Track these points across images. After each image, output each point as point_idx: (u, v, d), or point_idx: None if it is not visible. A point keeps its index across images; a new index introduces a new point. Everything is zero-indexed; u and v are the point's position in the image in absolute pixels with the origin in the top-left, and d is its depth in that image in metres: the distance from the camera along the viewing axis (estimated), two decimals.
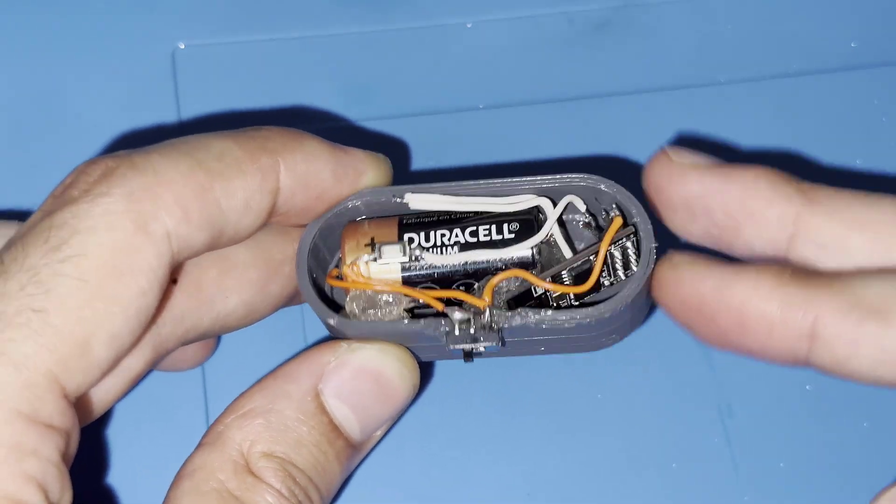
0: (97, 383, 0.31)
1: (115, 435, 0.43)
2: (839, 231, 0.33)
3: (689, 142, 0.48)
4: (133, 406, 0.43)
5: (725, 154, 0.48)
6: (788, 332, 0.32)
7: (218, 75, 0.48)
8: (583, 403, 0.44)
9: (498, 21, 0.50)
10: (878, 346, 0.31)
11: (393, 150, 0.47)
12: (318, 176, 0.35)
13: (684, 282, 0.34)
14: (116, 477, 0.43)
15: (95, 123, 0.47)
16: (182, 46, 0.49)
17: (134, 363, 0.35)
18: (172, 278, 0.34)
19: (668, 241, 0.45)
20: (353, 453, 0.36)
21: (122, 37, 0.49)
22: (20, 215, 0.45)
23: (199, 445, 0.34)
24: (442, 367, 0.44)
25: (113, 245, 0.30)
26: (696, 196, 0.35)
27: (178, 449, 0.43)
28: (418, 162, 0.47)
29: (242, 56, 0.48)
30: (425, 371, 0.43)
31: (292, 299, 0.39)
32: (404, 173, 0.47)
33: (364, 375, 0.35)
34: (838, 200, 0.34)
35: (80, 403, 0.32)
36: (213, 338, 0.40)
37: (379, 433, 0.37)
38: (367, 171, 0.37)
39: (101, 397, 0.35)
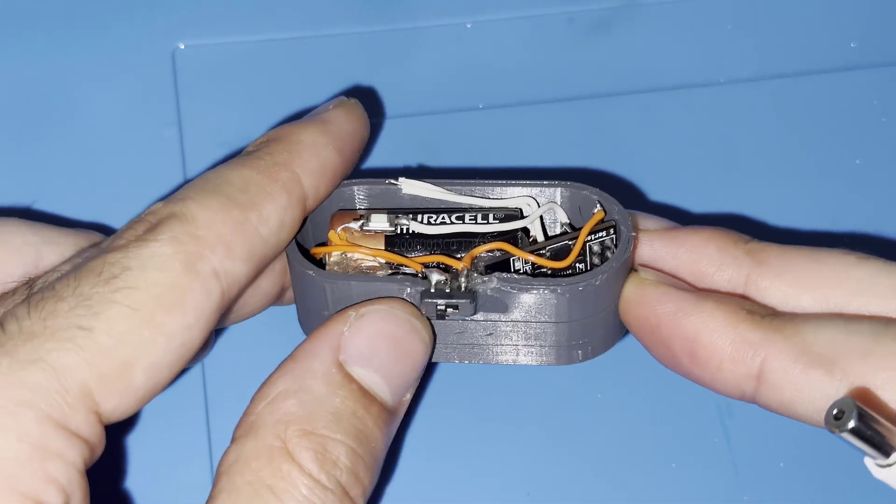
0: (131, 412, 0.31)
1: (115, 434, 0.43)
2: (789, 292, 0.34)
3: (690, 142, 0.48)
4: None
5: (726, 154, 0.48)
6: (737, 370, 0.33)
7: (218, 75, 0.48)
8: (583, 403, 0.44)
9: (498, 21, 0.50)
10: (823, 394, 0.32)
11: (393, 150, 0.47)
12: (328, 161, 0.36)
13: (646, 301, 0.35)
14: (116, 476, 0.43)
15: (95, 123, 0.47)
16: (182, 46, 0.49)
17: None
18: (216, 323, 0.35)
19: None
20: (390, 418, 0.35)
21: (122, 37, 0.48)
22: (21, 215, 0.45)
23: (233, 440, 0.33)
24: (442, 368, 0.44)
25: (163, 282, 0.31)
26: (647, 261, 0.36)
27: (178, 449, 0.43)
28: (418, 162, 0.47)
29: (242, 56, 0.48)
30: (425, 372, 0.43)
31: (281, 297, 0.40)
32: (404, 173, 0.47)
33: (380, 337, 0.35)
34: (786, 261, 0.35)
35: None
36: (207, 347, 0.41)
37: (408, 396, 0.36)
38: (355, 128, 0.38)
39: None
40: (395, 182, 0.38)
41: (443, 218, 0.37)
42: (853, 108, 0.49)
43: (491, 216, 0.37)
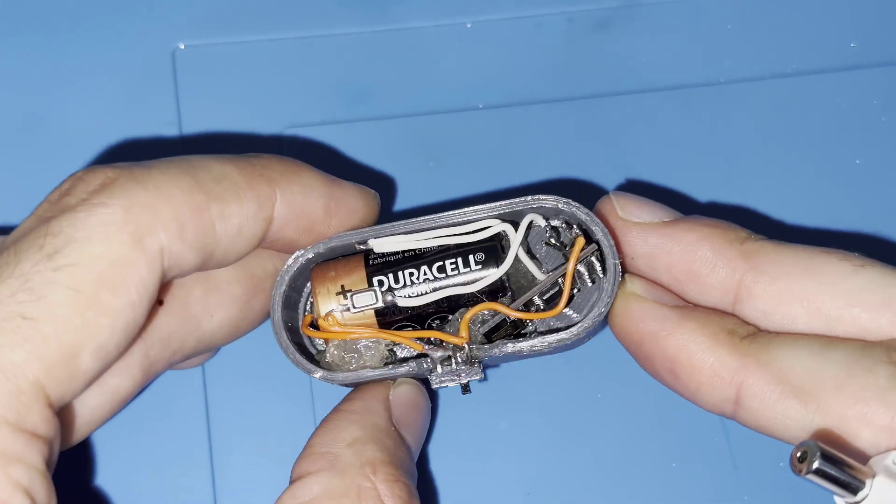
0: (80, 394, 0.31)
1: (115, 434, 0.43)
2: (780, 300, 0.34)
3: (690, 142, 0.48)
4: (133, 405, 0.43)
5: (726, 154, 0.48)
6: (715, 393, 0.34)
7: (218, 75, 0.48)
8: (583, 403, 0.44)
9: (498, 21, 0.50)
10: (798, 424, 0.32)
11: (393, 150, 0.47)
12: (312, 209, 0.36)
13: (630, 317, 0.35)
14: (116, 475, 0.43)
15: (95, 123, 0.47)
16: (182, 46, 0.49)
17: (123, 384, 0.36)
18: (158, 299, 0.34)
19: None
20: None
21: (122, 37, 0.48)
22: (20, 210, 0.45)
23: (307, 473, 0.34)
24: None
25: (107, 257, 0.31)
26: (642, 255, 0.36)
27: (177, 448, 0.43)
28: (418, 162, 0.47)
29: (242, 56, 0.48)
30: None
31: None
32: (404, 174, 0.47)
33: (413, 408, 0.37)
34: (780, 266, 0.34)
35: (65, 420, 0.32)
36: (199, 356, 0.41)
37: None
38: (358, 210, 0.37)
39: (89, 418, 0.35)
40: (364, 246, 0.37)
41: (424, 272, 0.36)
42: (853, 108, 0.49)
43: (472, 259, 0.36)
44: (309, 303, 0.38)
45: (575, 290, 0.37)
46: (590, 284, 0.36)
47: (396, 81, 0.48)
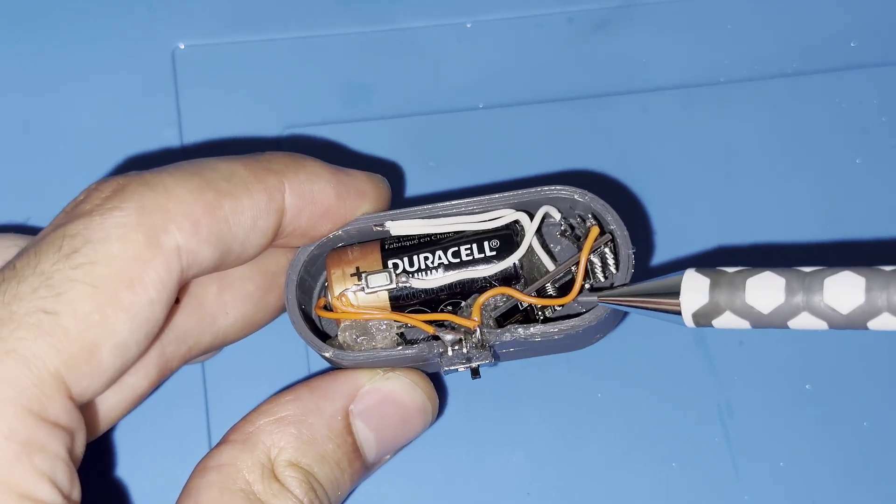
0: (102, 391, 0.32)
1: (116, 433, 0.43)
2: None
3: (689, 142, 0.48)
4: None
5: (726, 154, 0.48)
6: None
7: (218, 75, 0.48)
8: (583, 403, 0.44)
9: (498, 21, 0.50)
10: None
11: (393, 150, 0.47)
12: (322, 194, 0.36)
13: None
14: (117, 475, 0.43)
15: (95, 123, 0.47)
16: (182, 46, 0.49)
17: (139, 382, 0.36)
18: (175, 298, 0.35)
19: (643, 245, 0.46)
20: (364, 473, 0.37)
21: (122, 37, 0.48)
22: (21, 211, 0.45)
23: (228, 441, 0.35)
24: None
25: (124, 255, 0.31)
26: None
27: (178, 448, 0.43)
28: (418, 162, 0.47)
29: (242, 56, 0.48)
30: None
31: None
32: (404, 174, 0.47)
33: (392, 404, 0.37)
34: None
35: (86, 417, 0.32)
36: (214, 351, 0.41)
37: (387, 458, 0.38)
38: (368, 192, 0.38)
39: (105, 414, 0.36)
40: (381, 228, 0.37)
41: (439, 256, 0.37)
42: (853, 108, 0.49)
43: (487, 245, 0.37)
44: (324, 286, 0.38)
45: (587, 285, 0.36)
46: (602, 279, 0.36)
47: (396, 81, 0.48)
